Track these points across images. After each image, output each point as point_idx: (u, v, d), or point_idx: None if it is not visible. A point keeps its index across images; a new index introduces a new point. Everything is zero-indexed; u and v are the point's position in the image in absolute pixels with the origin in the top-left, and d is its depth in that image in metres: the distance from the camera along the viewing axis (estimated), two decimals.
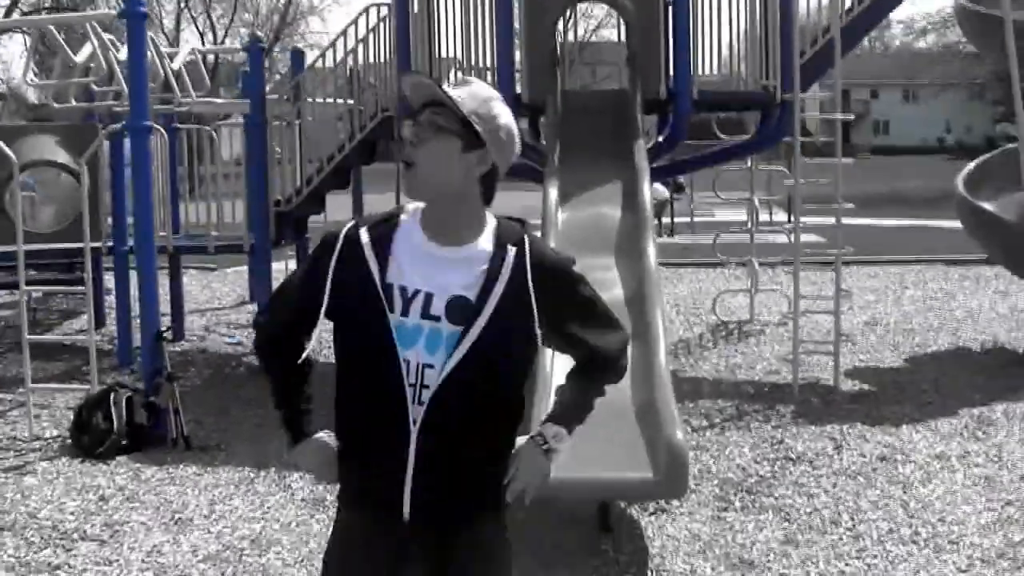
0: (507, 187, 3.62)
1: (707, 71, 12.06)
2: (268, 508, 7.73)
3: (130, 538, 7.27)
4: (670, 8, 11.41)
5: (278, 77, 48.39)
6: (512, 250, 3.30)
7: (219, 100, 13.82)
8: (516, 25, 11.53)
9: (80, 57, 11.48)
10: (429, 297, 3.24)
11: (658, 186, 22.06)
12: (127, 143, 12.31)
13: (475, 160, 3.25)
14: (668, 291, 15.84)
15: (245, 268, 17.06)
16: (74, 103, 12.27)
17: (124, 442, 9.30)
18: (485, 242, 3.31)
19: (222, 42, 57.17)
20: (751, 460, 8.55)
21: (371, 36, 12.81)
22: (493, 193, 3.35)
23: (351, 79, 13.31)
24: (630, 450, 6.77)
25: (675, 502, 7.43)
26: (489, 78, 11.44)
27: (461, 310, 3.23)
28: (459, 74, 12.21)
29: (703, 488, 7.86)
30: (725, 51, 12.35)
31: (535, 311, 3.28)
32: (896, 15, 79.25)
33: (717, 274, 18.24)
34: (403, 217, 3.36)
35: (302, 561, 6.76)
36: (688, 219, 28.22)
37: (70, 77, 11.85)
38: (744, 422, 9.69)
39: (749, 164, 14.73)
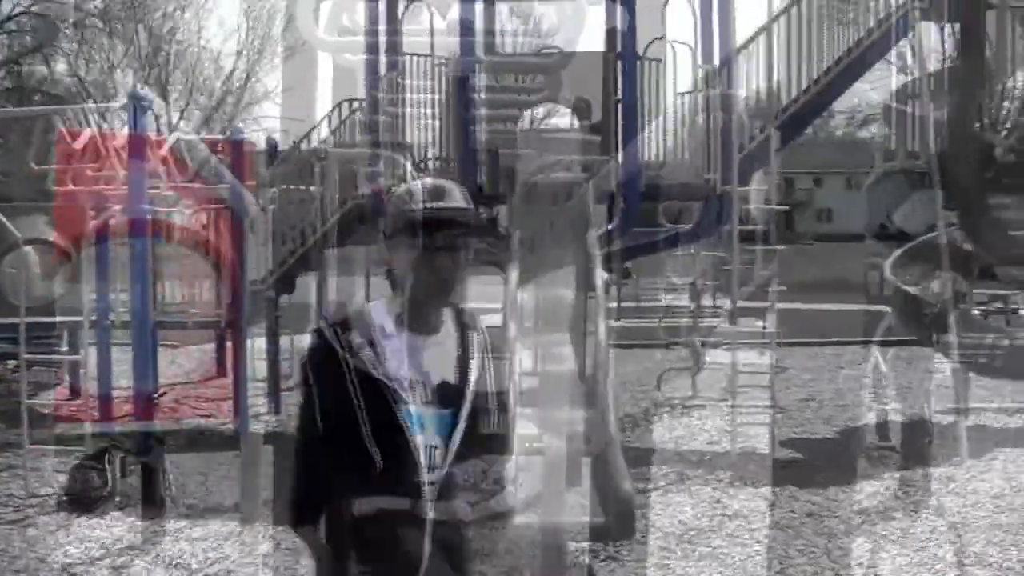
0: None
1: (654, 157, 12.75)
2: (256, 555, 8.56)
3: None
4: (619, 106, 12.20)
5: None
6: (473, 334, 3.53)
7: (201, 185, 14.57)
8: (478, 120, 12.27)
9: (79, 143, 12.22)
10: (422, 385, 3.39)
11: None
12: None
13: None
14: (616, 370, 16.50)
15: (209, 346, 17.86)
16: (71, 186, 13.02)
17: (117, 499, 9.99)
18: (450, 327, 3.52)
19: (177, 124, 57.88)
20: (691, 516, 9.39)
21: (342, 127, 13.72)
22: None
23: (322, 168, 14.13)
24: (585, 499, 7.59)
25: (624, 551, 8.28)
26: (452, 168, 12.26)
27: (448, 393, 3.42)
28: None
29: (649, 541, 8.64)
30: (671, 140, 13.10)
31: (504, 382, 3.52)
32: (839, 106, 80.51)
33: (663, 355, 18.92)
34: (372, 315, 3.52)
35: None
36: (634, 303, 28.68)
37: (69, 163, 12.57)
38: (685, 486, 10.51)
39: (693, 250, 15.52)
